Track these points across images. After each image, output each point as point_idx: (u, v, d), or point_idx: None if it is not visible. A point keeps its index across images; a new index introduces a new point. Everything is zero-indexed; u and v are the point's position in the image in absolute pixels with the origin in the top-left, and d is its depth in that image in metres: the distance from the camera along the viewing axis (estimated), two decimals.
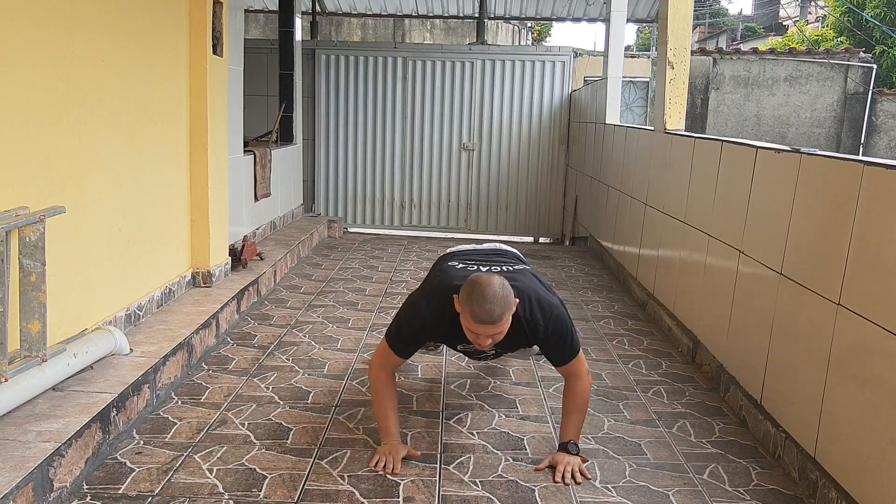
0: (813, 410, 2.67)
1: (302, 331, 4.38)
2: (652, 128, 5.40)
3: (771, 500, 2.60)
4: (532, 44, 19.82)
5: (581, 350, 2.79)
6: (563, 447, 2.78)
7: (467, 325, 2.52)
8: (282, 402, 3.31)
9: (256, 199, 6.19)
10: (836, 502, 2.44)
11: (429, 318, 2.71)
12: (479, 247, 3.25)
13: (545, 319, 2.67)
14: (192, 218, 4.52)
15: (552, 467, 2.74)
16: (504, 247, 3.28)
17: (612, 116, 6.86)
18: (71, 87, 3.10)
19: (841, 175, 2.62)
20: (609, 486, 2.67)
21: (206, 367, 3.72)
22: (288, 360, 3.87)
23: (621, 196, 6.08)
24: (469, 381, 3.66)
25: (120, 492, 2.50)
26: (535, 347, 2.86)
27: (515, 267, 2.88)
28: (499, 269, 2.80)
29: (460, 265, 2.85)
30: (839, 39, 18.31)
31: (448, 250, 3.21)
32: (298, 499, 2.49)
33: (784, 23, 29.98)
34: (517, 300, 2.57)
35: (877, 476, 2.26)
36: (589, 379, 2.82)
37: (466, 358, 3.87)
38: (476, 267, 2.81)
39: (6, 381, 2.57)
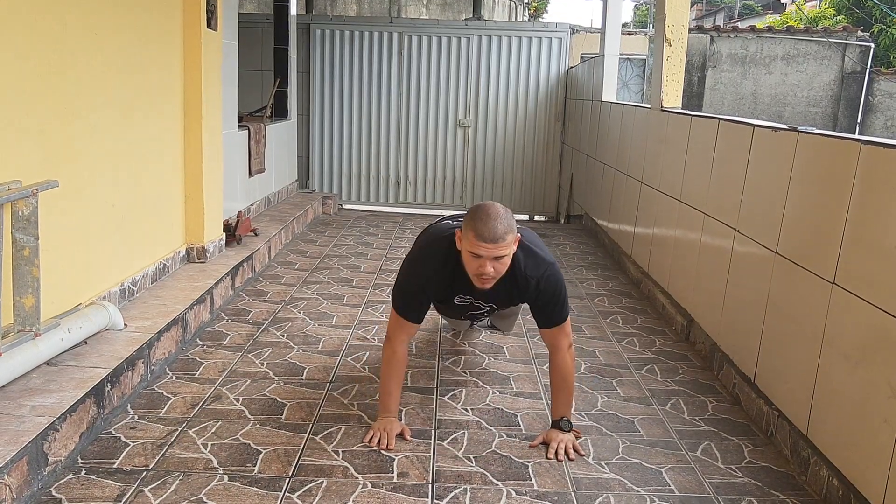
0: (806, 389, 2.68)
1: (296, 307, 4.38)
2: (648, 105, 5.38)
3: (763, 478, 2.62)
4: (529, 20, 19.65)
5: (569, 321, 2.79)
6: (556, 424, 2.79)
7: (469, 248, 2.49)
8: (276, 378, 3.31)
9: (251, 174, 6.16)
10: (827, 480, 2.47)
11: (430, 270, 2.71)
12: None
13: (540, 274, 2.67)
14: (187, 193, 4.50)
15: (545, 444, 2.76)
16: None
17: (609, 94, 6.82)
18: (64, 59, 3.06)
19: (838, 154, 2.61)
20: (602, 462, 2.69)
21: (201, 343, 3.72)
22: (282, 336, 3.87)
23: (617, 174, 6.06)
24: (463, 357, 3.67)
25: (114, 466, 2.50)
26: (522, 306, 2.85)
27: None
28: None
29: (453, 222, 2.86)
30: (837, 18, 18.21)
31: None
32: (293, 474, 2.51)
33: (782, 0, 29.79)
34: (518, 235, 2.57)
35: (868, 454, 2.28)
36: (572, 352, 2.82)
37: (458, 332, 3.88)
38: None
39: (0, 355, 2.56)
